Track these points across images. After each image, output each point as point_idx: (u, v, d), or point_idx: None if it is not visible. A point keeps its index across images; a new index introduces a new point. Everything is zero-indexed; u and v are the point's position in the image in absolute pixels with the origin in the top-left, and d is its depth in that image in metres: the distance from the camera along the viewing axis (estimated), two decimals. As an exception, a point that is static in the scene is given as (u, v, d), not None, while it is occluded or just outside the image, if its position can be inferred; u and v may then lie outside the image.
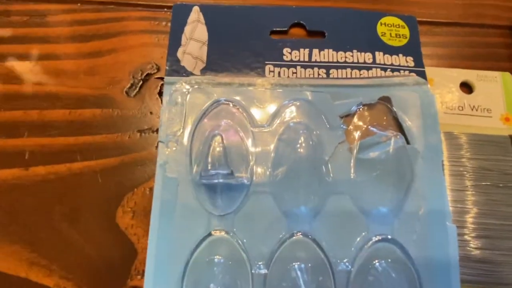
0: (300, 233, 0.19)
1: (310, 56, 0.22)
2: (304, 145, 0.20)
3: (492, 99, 0.22)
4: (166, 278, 0.18)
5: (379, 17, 0.24)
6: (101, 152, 0.21)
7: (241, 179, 0.19)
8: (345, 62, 0.22)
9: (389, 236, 0.19)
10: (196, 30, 0.23)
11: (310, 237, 0.19)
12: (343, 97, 0.21)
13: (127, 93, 0.22)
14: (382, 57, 0.22)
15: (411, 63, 0.22)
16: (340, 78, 0.22)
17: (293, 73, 0.22)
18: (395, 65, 0.22)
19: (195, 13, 0.23)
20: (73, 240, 0.19)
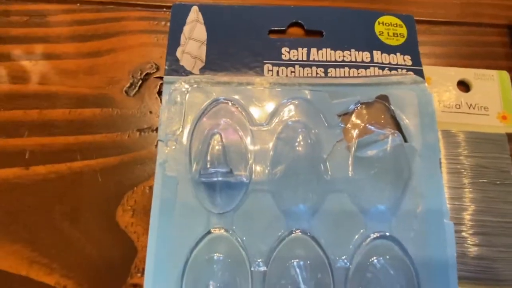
0: (299, 230, 0.19)
1: (308, 55, 0.23)
2: (302, 143, 0.20)
3: (489, 98, 0.22)
4: (166, 276, 0.18)
5: (376, 16, 0.24)
6: (101, 151, 0.21)
7: (240, 177, 0.19)
8: (343, 61, 0.22)
9: (387, 233, 0.19)
10: (195, 30, 0.23)
11: (308, 234, 0.19)
12: (341, 96, 0.21)
13: (126, 92, 0.22)
14: (380, 56, 0.23)
15: (409, 62, 0.22)
16: (338, 77, 0.22)
17: (291, 72, 0.22)
18: (392, 64, 0.22)
19: (194, 13, 0.23)
20: (73, 239, 0.19)
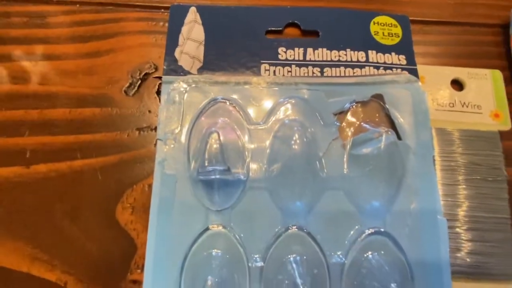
0: (295, 227, 0.19)
1: (304, 55, 0.23)
2: (298, 141, 0.20)
3: (482, 96, 0.23)
4: (165, 272, 0.18)
5: (372, 16, 0.24)
6: (100, 150, 0.21)
7: (237, 175, 0.20)
8: (338, 60, 0.23)
9: (381, 229, 0.19)
10: (193, 30, 0.23)
11: (305, 231, 0.19)
12: (337, 95, 0.22)
13: (126, 92, 0.23)
14: (375, 56, 0.23)
15: (404, 61, 0.23)
16: (334, 76, 0.22)
17: (288, 72, 0.22)
18: (387, 63, 0.23)
19: (192, 14, 0.24)
20: (74, 236, 0.20)
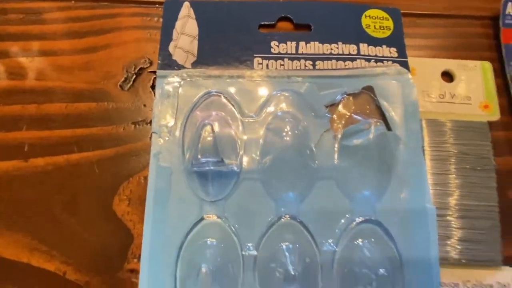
0: (288, 216, 0.20)
1: (297, 48, 0.23)
2: (291, 133, 0.21)
3: (472, 87, 0.23)
4: (161, 261, 0.19)
5: (363, 9, 0.24)
6: (97, 143, 0.22)
7: (231, 166, 0.20)
8: (330, 54, 0.23)
9: (372, 218, 0.20)
10: (187, 25, 0.24)
11: (297, 220, 0.20)
12: (329, 87, 0.22)
13: (121, 87, 0.23)
14: (367, 49, 0.23)
15: (395, 54, 0.23)
16: (326, 69, 0.23)
17: (280, 65, 0.23)
18: (379, 56, 0.23)
19: (185, 9, 0.24)
20: (72, 227, 0.20)
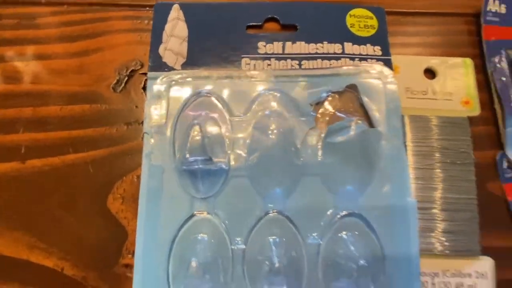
0: (275, 211, 0.21)
1: (283, 48, 0.24)
2: (276, 131, 0.21)
3: (453, 84, 0.24)
4: (154, 256, 0.20)
5: (348, 9, 0.25)
6: (91, 144, 0.23)
7: (219, 164, 0.21)
8: (316, 53, 0.24)
9: (355, 212, 0.20)
10: (177, 27, 0.24)
11: (284, 214, 0.21)
12: (314, 86, 0.23)
13: (113, 89, 0.24)
14: (351, 47, 0.24)
15: (379, 52, 0.24)
16: (312, 68, 0.23)
17: (268, 65, 0.23)
18: (363, 54, 0.24)
19: (175, 11, 0.25)
20: (69, 225, 0.21)
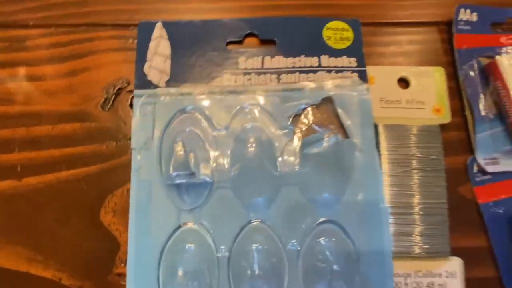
0: (257, 220, 0.22)
1: (262, 63, 0.25)
2: (255, 145, 0.23)
3: (425, 93, 0.25)
4: (145, 265, 0.21)
5: (325, 22, 0.26)
6: (83, 161, 0.24)
7: (203, 177, 0.22)
8: (293, 67, 0.25)
9: (331, 219, 0.22)
10: (160, 46, 0.25)
11: (265, 223, 0.22)
12: (292, 99, 0.24)
13: (102, 107, 0.25)
14: (327, 60, 0.25)
15: (354, 64, 0.25)
16: (289, 82, 0.24)
17: (248, 80, 0.25)
18: (338, 66, 0.25)
19: (158, 30, 0.26)
20: (64, 238, 0.23)
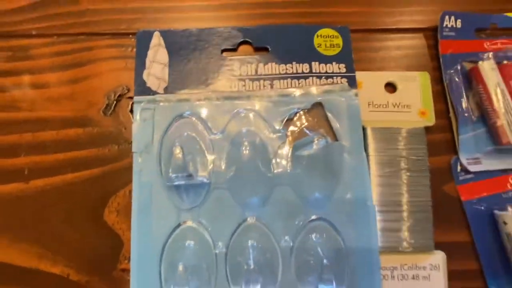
0: (252, 218, 0.23)
1: (256, 70, 0.26)
2: (251, 147, 0.24)
3: (411, 97, 0.26)
4: (147, 261, 0.23)
5: (316, 29, 0.27)
6: (87, 164, 0.25)
7: (201, 178, 0.24)
8: (285, 73, 0.26)
9: (322, 217, 0.23)
10: (158, 54, 0.27)
11: (260, 221, 0.23)
12: (284, 104, 0.25)
13: (103, 113, 0.26)
14: (318, 66, 0.26)
15: (343, 70, 0.26)
16: (282, 88, 0.26)
17: (242, 86, 0.26)
18: (329, 72, 0.26)
19: (156, 38, 0.27)
20: (72, 237, 0.24)
